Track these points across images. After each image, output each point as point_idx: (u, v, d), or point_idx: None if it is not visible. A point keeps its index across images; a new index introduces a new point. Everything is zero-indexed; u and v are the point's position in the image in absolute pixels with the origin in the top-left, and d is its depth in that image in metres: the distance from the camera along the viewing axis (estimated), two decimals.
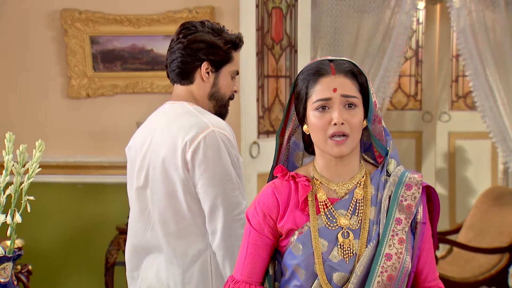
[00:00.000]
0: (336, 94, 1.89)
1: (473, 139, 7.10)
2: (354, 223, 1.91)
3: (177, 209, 2.55)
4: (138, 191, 2.66)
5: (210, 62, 2.60)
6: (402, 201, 1.91)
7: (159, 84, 4.61)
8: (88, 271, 4.68)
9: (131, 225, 2.73)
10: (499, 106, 4.82)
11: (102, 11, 4.61)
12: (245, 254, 1.99)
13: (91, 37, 4.64)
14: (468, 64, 4.82)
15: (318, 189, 1.95)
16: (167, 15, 4.55)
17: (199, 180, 2.50)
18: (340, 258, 1.89)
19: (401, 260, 1.87)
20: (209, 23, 2.63)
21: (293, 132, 2.03)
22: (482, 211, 5.59)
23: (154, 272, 2.65)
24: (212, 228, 2.51)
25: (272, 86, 4.36)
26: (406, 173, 1.95)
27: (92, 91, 4.68)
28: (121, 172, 4.55)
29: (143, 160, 2.64)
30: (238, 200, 2.52)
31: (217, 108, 2.68)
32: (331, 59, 1.95)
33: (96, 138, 4.67)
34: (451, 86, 7.29)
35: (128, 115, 4.60)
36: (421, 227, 1.93)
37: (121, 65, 4.66)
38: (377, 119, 1.97)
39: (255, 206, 1.99)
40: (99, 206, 4.67)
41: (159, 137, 2.60)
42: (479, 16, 4.79)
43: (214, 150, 2.49)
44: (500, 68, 4.78)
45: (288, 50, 4.41)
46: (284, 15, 4.37)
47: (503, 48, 4.77)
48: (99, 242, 4.56)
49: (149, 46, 4.61)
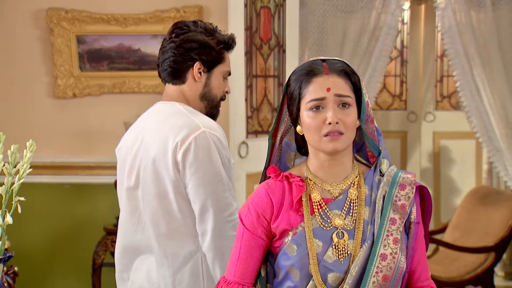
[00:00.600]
0: (330, 94, 1.88)
1: (458, 139, 7.14)
2: (349, 223, 1.91)
3: (168, 210, 2.54)
4: (129, 192, 2.64)
5: (202, 62, 2.59)
6: (396, 201, 1.91)
7: (146, 84, 4.59)
8: (75, 272, 4.65)
9: (122, 226, 2.71)
10: (486, 105, 4.84)
11: (88, 10, 4.58)
12: (237, 255, 1.98)
13: (77, 36, 4.61)
14: (455, 64, 4.84)
15: (312, 189, 1.94)
16: (155, 14, 4.52)
17: (189, 181, 2.48)
18: (335, 258, 1.88)
19: (396, 260, 1.87)
20: (202, 23, 2.62)
21: (286, 133, 2.02)
22: (467, 211, 5.62)
23: (145, 273, 2.63)
24: (202, 229, 2.49)
25: (261, 86, 4.35)
26: (399, 173, 1.95)
27: (79, 90, 4.65)
28: (108, 172, 4.56)
29: (133, 160, 2.63)
30: (229, 201, 2.50)
31: (208, 108, 2.66)
32: (323, 59, 1.94)
33: (83, 138, 4.64)
34: (436, 86, 7.33)
35: (115, 115, 4.57)
36: (414, 227, 1.93)
37: (108, 65, 4.63)
38: (370, 118, 1.97)
39: (248, 206, 1.97)
40: (86, 206, 4.64)
41: (150, 137, 2.58)
42: (465, 16, 4.81)
43: (205, 151, 2.48)
44: (487, 68, 4.80)
45: (276, 49, 4.41)
46: (273, 15, 4.37)
47: (489, 48, 4.80)
48: (86, 243, 4.53)
49: (136, 46, 4.58)
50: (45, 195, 4.64)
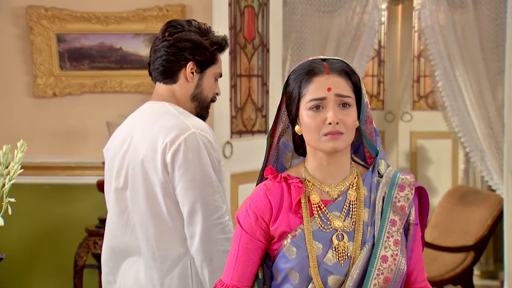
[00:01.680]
0: (331, 94, 1.86)
1: (434, 139, 7.19)
2: (348, 225, 1.89)
3: (156, 212, 2.50)
4: (117, 193, 2.60)
5: (195, 62, 2.56)
6: (396, 202, 1.90)
7: (128, 83, 4.55)
8: (56, 274, 4.59)
9: (109, 228, 2.66)
10: (467, 105, 4.86)
11: (69, 8, 4.52)
12: (235, 258, 1.94)
13: (57, 35, 4.55)
14: (437, 64, 4.86)
15: (311, 191, 1.92)
16: (137, 13, 4.48)
17: (178, 182, 2.45)
18: (335, 261, 1.86)
19: (397, 262, 1.85)
20: (196, 23, 2.59)
21: (283, 133, 2.00)
22: (446, 210, 5.66)
23: (133, 277, 2.59)
24: (191, 232, 2.46)
25: (245, 85, 4.33)
26: (398, 174, 1.94)
27: (59, 90, 4.58)
28: (90, 172, 4.51)
29: (122, 161, 2.59)
30: (218, 204, 2.47)
31: (198, 109, 2.64)
32: (323, 58, 1.92)
33: (63, 138, 4.58)
34: (413, 86, 7.37)
35: (96, 114, 4.53)
36: (413, 228, 1.92)
37: (89, 64, 4.57)
38: (369, 119, 1.95)
39: (246, 208, 1.94)
40: (67, 207, 4.58)
41: (139, 137, 2.55)
42: (446, 17, 4.83)
43: (194, 152, 2.44)
44: (468, 68, 4.83)
45: (260, 49, 4.39)
46: (256, 14, 4.34)
47: (471, 48, 4.82)
48: (67, 244, 4.47)
49: (118, 45, 4.53)
50: (24, 196, 4.55)
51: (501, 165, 4.81)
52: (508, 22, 4.53)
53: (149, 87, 4.52)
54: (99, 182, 4.24)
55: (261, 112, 4.42)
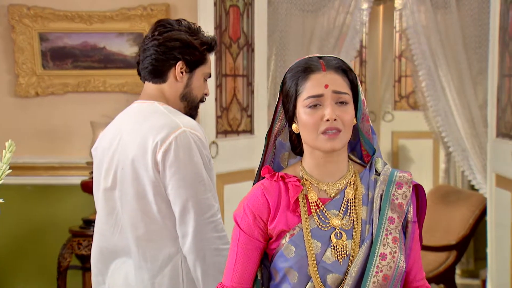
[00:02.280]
0: (328, 91, 1.85)
1: (415, 139, 7.23)
2: (346, 223, 1.88)
3: (146, 211, 2.48)
4: (106, 193, 2.58)
5: (185, 62, 2.55)
6: (394, 200, 1.90)
7: (112, 82, 4.51)
8: (40, 275, 4.55)
9: (98, 228, 2.64)
10: (451, 105, 4.89)
11: (52, 7, 4.48)
12: (234, 260, 1.93)
13: (40, 34, 4.50)
14: (420, 64, 4.88)
15: (309, 189, 1.91)
16: (121, 12, 4.45)
17: (169, 181, 2.43)
18: (333, 259, 1.86)
19: (396, 259, 1.85)
20: (186, 22, 2.58)
21: (279, 132, 1.99)
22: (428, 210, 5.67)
23: (123, 277, 2.57)
24: (183, 231, 2.44)
25: (230, 85, 4.31)
26: (395, 172, 1.94)
27: (42, 89, 4.54)
28: (73, 173, 4.48)
29: (111, 161, 2.56)
30: (210, 202, 2.46)
31: (187, 109, 2.62)
32: (319, 56, 1.91)
33: (46, 138, 4.53)
34: (394, 86, 7.40)
35: (80, 114, 4.49)
36: (411, 226, 1.92)
37: (72, 63, 4.53)
38: (365, 117, 1.95)
39: (244, 208, 1.93)
40: (50, 208, 4.54)
41: (128, 137, 2.53)
42: (430, 17, 4.85)
43: (185, 151, 2.43)
44: (452, 68, 4.85)
45: (245, 49, 4.37)
46: (241, 14, 4.33)
47: (455, 48, 4.85)
48: (51, 245, 4.43)
49: (101, 44, 4.50)
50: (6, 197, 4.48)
51: (484, 164, 4.84)
52: (491, 22, 4.57)
53: (134, 87, 4.50)
54: (83, 183, 4.21)
55: (246, 112, 4.41)
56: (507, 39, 4.37)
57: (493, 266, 4.60)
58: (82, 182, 4.21)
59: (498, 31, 4.46)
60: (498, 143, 4.48)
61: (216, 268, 2.44)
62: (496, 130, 4.51)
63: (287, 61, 4.91)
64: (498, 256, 4.52)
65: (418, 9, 4.87)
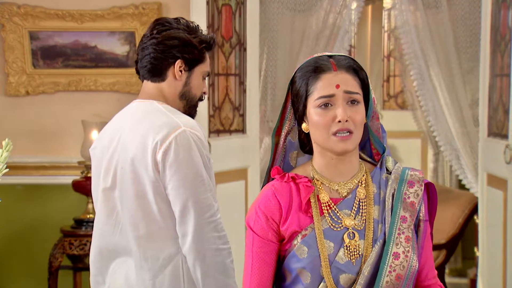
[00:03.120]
0: (339, 91, 1.83)
1: (404, 138, 7.25)
2: (359, 223, 1.87)
3: (147, 211, 2.47)
4: (105, 193, 2.56)
5: (184, 60, 2.54)
6: (406, 199, 1.88)
7: (103, 82, 4.49)
8: (31, 276, 4.52)
9: (97, 228, 2.62)
10: (442, 105, 4.90)
11: (42, 5, 4.45)
12: (250, 266, 1.92)
13: (30, 33, 4.47)
14: (412, 63, 4.89)
15: (320, 189, 1.89)
16: (112, 10, 4.43)
17: (169, 181, 2.43)
18: (346, 259, 1.84)
19: (409, 258, 1.84)
20: (184, 21, 2.57)
21: (289, 131, 1.97)
22: None
23: (124, 277, 2.55)
24: (183, 231, 2.43)
25: (222, 84, 4.30)
26: (407, 171, 1.92)
27: (32, 88, 4.51)
28: (65, 172, 4.45)
29: (110, 160, 2.55)
30: (210, 202, 2.45)
31: (186, 108, 2.62)
32: (330, 54, 1.90)
33: (36, 138, 4.50)
34: (383, 86, 7.42)
35: (71, 113, 4.47)
36: (423, 224, 1.90)
37: (62, 62, 4.50)
38: (375, 115, 1.93)
39: (256, 210, 1.91)
40: (41, 208, 4.51)
41: (128, 136, 2.51)
42: (421, 16, 4.87)
43: (185, 150, 2.42)
44: (443, 68, 4.87)
45: (237, 48, 4.36)
46: (234, 13, 4.32)
47: (446, 47, 4.87)
48: (41, 245, 4.40)
49: (93, 43, 4.48)
50: None
51: (475, 164, 4.86)
52: (483, 22, 4.59)
53: (125, 86, 4.48)
54: (74, 182, 4.18)
55: (238, 111, 4.40)
56: (498, 39, 4.39)
57: (485, 266, 4.62)
58: (74, 182, 4.19)
59: (489, 31, 4.48)
60: (490, 142, 4.50)
61: (216, 268, 2.43)
62: (487, 129, 4.53)
63: (279, 60, 4.91)
64: (490, 255, 4.54)
65: (407, 8, 4.89)
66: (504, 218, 4.25)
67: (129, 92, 4.46)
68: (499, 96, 4.38)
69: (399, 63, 6.60)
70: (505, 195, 4.22)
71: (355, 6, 5.06)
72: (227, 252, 2.46)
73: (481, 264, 4.68)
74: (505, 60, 4.26)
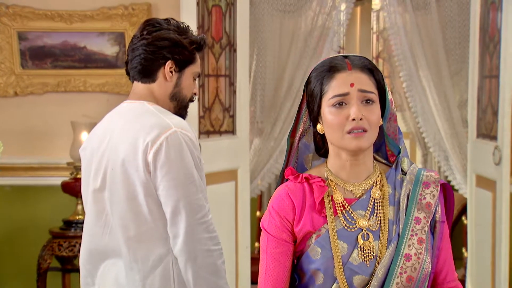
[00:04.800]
0: (354, 89, 1.81)
1: None
2: (373, 224, 1.85)
3: (137, 212, 2.46)
4: (95, 194, 2.55)
5: (174, 61, 2.53)
6: (421, 200, 1.87)
7: (93, 82, 4.47)
8: (19, 277, 4.49)
9: (87, 229, 2.61)
10: (431, 106, 4.92)
11: (31, 6, 4.43)
12: (265, 268, 1.89)
13: (19, 33, 4.45)
14: (402, 65, 4.90)
15: (334, 190, 1.88)
16: (101, 11, 4.41)
17: (161, 182, 2.42)
18: (360, 261, 1.82)
19: (421, 260, 1.82)
20: (175, 22, 2.57)
21: (304, 133, 1.96)
22: None
23: (113, 278, 2.54)
24: (174, 232, 2.43)
25: (212, 85, 4.30)
26: (422, 171, 1.90)
27: (21, 89, 4.48)
28: (54, 173, 4.43)
29: (100, 161, 2.54)
30: (201, 203, 2.44)
31: (177, 109, 2.61)
32: (345, 55, 1.88)
33: (25, 139, 4.48)
34: None
35: (60, 114, 4.45)
36: (440, 226, 1.88)
37: (51, 63, 4.48)
38: (393, 117, 1.91)
39: (269, 211, 1.90)
40: (29, 209, 4.48)
41: (118, 137, 2.50)
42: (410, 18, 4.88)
43: (176, 151, 2.41)
44: (433, 69, 4.88)
45: (227, 49, 4.36)
46: (224, 14, 4.32)
47: (435, 49, 4.88)
48: (30, 247, 4.38)
49: (82, 43, 4.46)
50: None
51: (463, 165, 4.88)
52: (471, 24, 4.61)
53: (114, 87, 4.47)
54: (63, 183, 4.17)
55: (228, 112, 4.40)
56: (487, 40, 4.40)
57: (473, 266, 4.63)
58: (63, 183, 4.17)
59: (478, 32, 4.49)
60: (479, 143, 4.52)
61: (207, 269, 2.42)
62: (476, 130, 4.55)
63: (268, 61, 4.91)
64: (479, 256, 4.56)
65: (396, 10, 4.90)
66: (493, 219, 4.27)
67: (118, 93, 4.45)
68: (488, 97, 4.40)
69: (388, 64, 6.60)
70: (494, 196, 4.24)
71: (344, 8, 5.06)
72: (218, 253, 2.46)
73: (469, 264, 4.70)
74: (494, 62, 4.28)
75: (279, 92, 4.91)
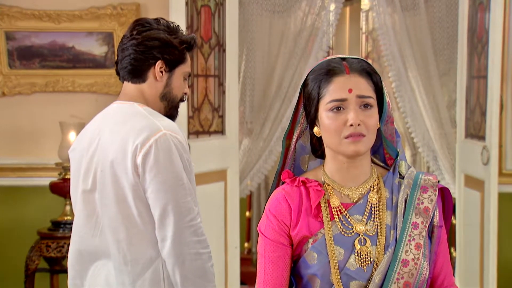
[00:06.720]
0: (352, 95, 1.78)
1: None
2: (371, 229, 1.82)
3: (126, 214, 2.44)
4: (85, 195, 2.53)
5: (164, 61, 2.52)
6: (419, 204, 1.83)
7: (81, 82, 4.46)
8: (7, 278, 4.47)
9: (76, 230, 2.59)
10: (420, 106, 4.93)
11: (19, 5, 4.41)
12: (263, 272, 1.87)
13: (6, 33, 4.43)
14: (391, 65, 4.91)
15: (331, 194, 1.85)
16: (90, 11, 4.40)
17: (149, 185, 2.40)
18: (357, 266, 1.80)
19: (418, 266, 1.80)
20: (165, 21, 2.55)
21: (301, 134, 1.93)
22: None
23: (103, 280, 2.52)
24: (162, 235, 2.41)
25: (201, 85, 4.29)
26: (420, 175, 1.87)
27: (8, 89, 4.46)
28: (42, 174, 4.41)
29: (90, 163, 2.52)
30: (190, 206, 2.43)
31: (168, 109, 2.59)
32: (343, 57, 1.85)
33: (13, 139, 4.46)
34: None
35: (48, 114, 4.43)
36: (437, 230, 1.85)
37: (39, 63, 4.46)
38: (390, 120, 1.89)
39: (267, 215, 1.88)
40: (17, 210, 4.46)
41: (108, 138, 2.48)
42: (399, 18, 4.89)
43: (165, 154, 2.40)
44: (421, 70, 4.90)
45: (216, 49, 4.35)
46: (213, 14, 4.31)
47: (424, 49, 4.90)
48: (18, 248, 4.36)
49: (70, 43, 4.44)
50: None
51: (452, 165, 4.89)
52: (460, 24, 4.62)
53: (103, 87, 4.45)
54: (51, 184, 4.14)
55: (217, 112, 4.39)
56: (475, 41, 4.42)
57: (462, 266, 4.65)
58: (51, 184, 4.15)
59: (466, 33, 4.51)
60: (467, 143, 4.53)
61: (196, 272, 2.41)
62: (465, 131, 4.56)
63: (257, 61, 4.91)
64: (467, 256, 4.57)
65: (385, 10, 4.91)
66: (481, 218, 4.28)
67: (107, 93, 4.44)
68: (476, 97, 4.41)
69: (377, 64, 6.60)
70: (482, 196, 4.25)
71: (333, 8, 5.07)
72: (207, 256, 2.44)
73: (458, 264, 4.71)
74: (482, 62, 4.30)
75: (268, 92, 4.91)
